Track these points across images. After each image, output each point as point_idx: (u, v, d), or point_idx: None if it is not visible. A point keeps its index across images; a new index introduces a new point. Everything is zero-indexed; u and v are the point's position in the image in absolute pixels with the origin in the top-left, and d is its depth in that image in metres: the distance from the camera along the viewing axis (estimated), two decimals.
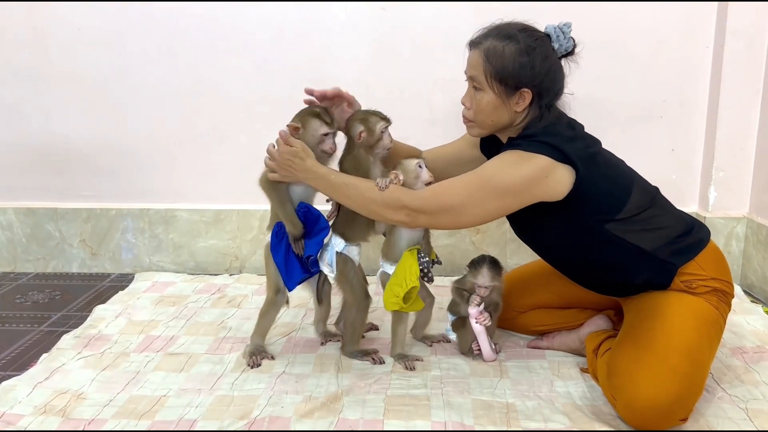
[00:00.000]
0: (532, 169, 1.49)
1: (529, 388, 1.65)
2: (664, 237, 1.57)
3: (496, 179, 1.52)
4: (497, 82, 1.54)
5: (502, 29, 1.56)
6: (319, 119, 1.68)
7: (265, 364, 1.79)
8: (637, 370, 1.45)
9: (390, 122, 1.74)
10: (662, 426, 1.43)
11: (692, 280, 1.56)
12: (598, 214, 1.55)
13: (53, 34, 2.49)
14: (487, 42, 1.55)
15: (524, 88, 1.53)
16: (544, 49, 1.54)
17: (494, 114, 1.58)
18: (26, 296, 2.40)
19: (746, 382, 1.66)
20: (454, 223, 1.60)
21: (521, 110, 1.57)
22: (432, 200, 1.57)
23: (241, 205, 2.60)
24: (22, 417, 1.52)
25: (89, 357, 1.84)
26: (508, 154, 1.53)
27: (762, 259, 2.33)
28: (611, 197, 1.56)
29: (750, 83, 2.35)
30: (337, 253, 1.80)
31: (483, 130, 1.64)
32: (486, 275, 1.76)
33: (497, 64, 1.52)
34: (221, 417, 1.52)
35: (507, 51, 1.52)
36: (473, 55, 1.58)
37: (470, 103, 1.61)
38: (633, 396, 1.42)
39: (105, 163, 2.60)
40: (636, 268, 1.58)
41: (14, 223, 2.65)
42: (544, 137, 1.51)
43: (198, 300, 2.30)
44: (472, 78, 1.58)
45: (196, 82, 2.50)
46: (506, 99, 1.55)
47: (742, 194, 2.45)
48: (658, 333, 1.49)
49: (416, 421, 1.49)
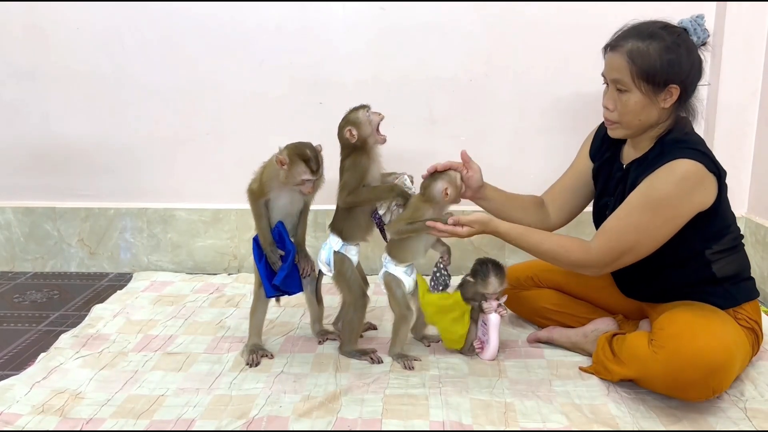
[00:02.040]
0: (692, 177, 1.49)
1: (527, 387, 1.65)
2: (739, 272, 1.64)
3: (663, 201, 1.50)
4: (644, 82, 1.52)
5: (641, 29, 1.55)
6: (306, 165, 1.70)
7: (263, 363, 1.79)
8: (696, 324, 1.48)
9: (368, 106, 1.76)
10: (695, 385, 1.45)
11: (739, 312, 1.62)
12: (707, 235, 1.59)
13: (52, 33, 2.48)
14: (627, 44, 1.53)
15: (672, 84, 1.53)
16: (687, 44, 1.54)
17: (642, 113, 1.57)
18: (24, 295, 2.39)
19: (745, 381, 1.66)
20: (636, 259, 1.58)
21: (669, 106, 1.56)
22: (610, 251, 1.56)
23: (239, 204, 2.58)
24: (20, 416, 1.52)
25: (87, 356, 1.84)
26: (668, 168, 1.50)
27: (760, 259, 2.33)
28: (723, 220, 1.60)
29: (748, 84, 2.36)
30: (335, 252, 1.81)
31: (629, 131, 1.62)
32: (495, 283, 1.76)
33: (643, 63, 1.51)
34: (219, 416, 1.52)
35: (652, 50, 1.51)
36: (614, 58, 1.55)
37: (614, 105, 1.59)
38: (686, 345, 1.44)
39: (104, 162, 2.59)
40: (702, 290, 1.63)
41: (12, 222, 2.65)
42: (697, 146, 1.53)
43: (196, 299, 2.30)
44: (616, 80, 1.56)
45: (195, 82, 2.50)
46: (654, 97, 1.54)
47: (740, 194, 2.45)
48: (716, 311, 1.57)
49: (414, 421, 1.49)
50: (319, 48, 2.45)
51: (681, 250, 1.58)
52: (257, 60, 2.47)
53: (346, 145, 1.77)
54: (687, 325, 1.49)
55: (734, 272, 1.63)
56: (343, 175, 1.77)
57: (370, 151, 1.76)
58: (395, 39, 2.43)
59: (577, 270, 1.65)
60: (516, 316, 2.09)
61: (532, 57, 2.41)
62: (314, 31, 2.44)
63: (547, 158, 2.47)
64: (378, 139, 1.76)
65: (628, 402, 1.57)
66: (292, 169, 1.70)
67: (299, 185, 1.72)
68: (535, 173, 2.47)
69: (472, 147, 2.48)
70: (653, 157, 1.58)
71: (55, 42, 2.49)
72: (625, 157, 1.71)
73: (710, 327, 1.48)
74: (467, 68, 2.44)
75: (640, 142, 1.64)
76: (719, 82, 2.35)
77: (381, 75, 2.45)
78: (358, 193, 1.75)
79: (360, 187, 1.75)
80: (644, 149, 1.63)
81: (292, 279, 1.81)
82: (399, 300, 1.79)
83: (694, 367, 1.43)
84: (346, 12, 2.42)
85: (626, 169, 1.68)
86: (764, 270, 2.31)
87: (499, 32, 2.40)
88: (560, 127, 2.45)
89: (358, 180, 1.75)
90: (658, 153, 1.57)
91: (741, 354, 1.54)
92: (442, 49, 2.42)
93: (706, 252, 1.60)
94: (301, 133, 2.47)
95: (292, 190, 1.75)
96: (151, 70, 2.50)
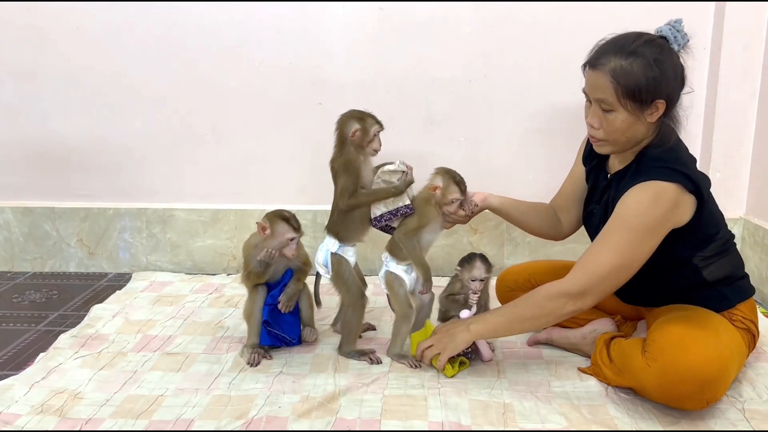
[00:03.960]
0: (668, 200, 1.48)
1: (526, 388, 1.65)
2: (731, 274, 1.64)
3: (639, 223, 1.49)
4: (630, 100, 1.49)
5: (620, 44, 1.50)
6: (287, 224, 1.75)
7: (262, 363, 1.79)
8: (688, 337, 1.47)
9: (383, 128, 1.78)
10: (689, 398, 1.45)
11: (734, 313, 1.62)
12: (692, 244, 1.58)
13: (51, 33, 2.48)
14: (609, 62, 1.48)
15: (658, 99, 1.50)
16: (669, 56, 1.51)
17: (629, 131, 1.54)
18: (23, 295, 2.39)
19: (743, 382, 1.67)
20: (618, 285, 1.55)
21: (655, 121, 1.54)
22: (588, 278, 1.53)
23: (238, 204, 2.60)
24: (19, 416, 1.52)
25: (86, 356, 1.84)
26: (642, 188, 1.49)
27: (759, 260, 2.33)
28: (708, 229, 1.60)
29: (747, 84, 2.36)
30: (332, 253, 1.81)
31: (616, 148, 1.60)
32: (480, 267, 1.79)
33: (628, 82, 1.47)
34: (218, 417, 1.52)
35: (635, 67, 1.46)
36: (596, 77, 1.51)
37: (599, 124, 1.56)
38: (678, 359, 1.43)
39: (103, 162, 2.59)
40: (695, 295, 1.63)
41: (11, 222, 2.65)
42: (675, 164, 1.51)
43: (195, 300, 2.30)
44: (600, 100, 1.52)
45: (194, 82, 2.50)
46: (640, 114, 1.51)
47: (739, 195, 2.45)
48: (710, 317, 1.56)
49: (414, 421, 1.49)
50: (318, 48, 2.45)
51: (668, 260, 1.58)
52: (256, 60, 2.47)
53: (343, 139, 1.78)
54: (679, 337, 1.48)
55: (726, 274, 1.63)
56: (339, 179, 1.78)
57: (361, 152, 1.78)
58: (394, 39, 2.43)
59: (561, 311, 1.56)
60: None
61: (531, 58, 2.41)
62: (313, 31, 2.44)
63: (545, 159, 2.47)
64: (370, 151, 1.79)
65: (626, 403, 1.57)
66: (275, 232, 1.75)
67: (284, 248, 1.76)
68: (534, 174, 2.48)
69: (470, 148, 2.51)
70: (631, 173, 1.57)
71: (54, 42, 2.49)
72: (610, 165, 1.71)
73: (703, 338, 1.47)
74: (466, 69, 2.44)
75: (624, 154, 1.64)
76: (718, 83, 2.35)
77: (380, 75, 2.45)
78: (357, 196, 1.76)
79: (359, 189, 1.76)
80: (626, 161, 1.62)
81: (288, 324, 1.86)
82: (400, 298, 1.80)
83: (687, 381, 1.43)
84: (345, 12, 2.42)
85: (610, 179, 1.68)
86: (762, 271, 2.31)
87: (498, 33, 2.40)
88: (559, 128, 2.45)
89: (354, 182, 1.76)
90: (635, 170, 1.57)
91: (736, 361, 1.54)
92: (441, 49, 2.42)
93: (694, 259, 1.60)
94: (300, 133, 2.50)
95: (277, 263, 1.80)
96: (151, 71, 2.50)
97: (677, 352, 1.45)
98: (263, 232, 1.75)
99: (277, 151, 2.54)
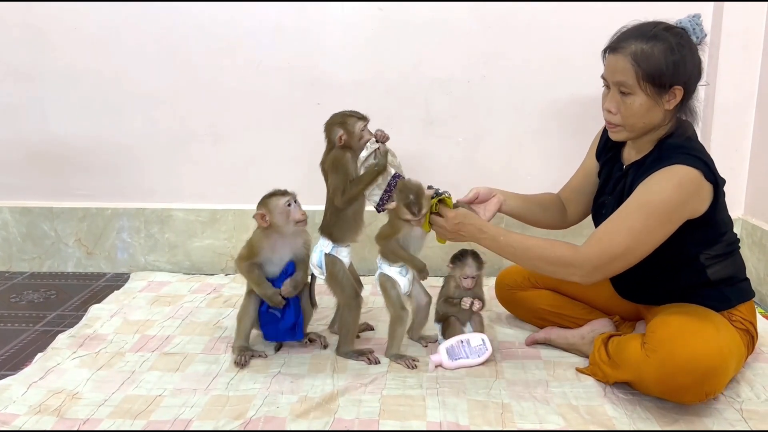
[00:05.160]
0: (691, 184, 1.48)
1: (524, 388, 1.65)
2: (734, 275, 1.65)
3: (660, 206, 1.48)
4: (650, 84, 1.50)
5: (642, 30, 1.53)
6: (276, 196, 1.76)
7: (260, 363, 1.79)
8: (688, 329, 1.48)
9: (368, 120, 1.78)
10: (689, 389, 1.45)
11: (733, 313, 1.62)
12: (702, 241, 1.59)
13: (49, 33, 2.48)
14: (630, 45, 1.50)
15: (677, 85, 1.51)
16: (689, 45, 1.53)
17: (647, 115, 1.55)
18: (21, 295, 2.39)
19: (741, 383, 1.67)
20: (627, 266, 1.54)
21: (672, 108, 1.55)
22: (600, 254, 1.52)
23: (236, 204, 2.60)
24: (17, 416, 1.52)
25: (84, 356, 1.83)
26: (666, 171, 1.49)
27: (757, 261, 2.33)
28: (718, 227, 1.60)
29: (745, 84, 2.36)
30: (326, 254, 1.81)
31: (632, 134, 1.60)
32: (472, 265, 1.80)
33: (649, 65, 1.49)
34: (217, 417, 1.52)
35: (657, 51, 1.49)
36: (617, 60, 1.52)
37: (617, 108, 1.57)
38: (678, 350, 1.44)
39: (101, 162, 2.59)
40: (697, 293, 1.63)
41: (9, 222, 2.64)
42: (696, 152, 1.52)
43: (193, 300, 2.29)
44: (620, 83, 1.53)
45: (193, 82, 2.50)
46: (659, 99, 1.52)
47: (737, 196, 2.45)
48: (710, 314, 1.56)
49: (412, 422, 1.49)
50: (317, 49, 2.45)
51: (675, 255, 1.58)
52: (255, 60, 2.47)
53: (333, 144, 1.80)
54: (679, 329, 1.49)
55: (729, 275, 1.63)
56: (330, 179, 1.80)
57: (351, 152, 1.79)
58: (393, 40, 2.43)
59: (563, 273, 1.57)
60: (513, 317, 2.10)
61: (530, 58, 2.41)
62: (312, 31, 2.44)
63: (544, 159, 2.47)
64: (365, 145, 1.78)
65: (624, 403, 1.57)
66: (274, 211, 1.75)
67: (291, 220, 1.75)
68: (533, 174, 2.47)
69: (469, 148, 2.51)
70: (651, 160, 1.57)
71: (53, 42, 2.48)
72: (626, 157, 1.71)
73: (703, 331, 1.48)
74: (465, 69, 2.44)
75: (640, 145, 1.64)
76: (716, 83, 2.35)
77: (379, 75, 2.45)
78: (348, 190, 1.77)
79: (348, 184, 1.77)
80: (644, 152, 1.63)
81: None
82: (394, 300, 1.80)
83: (686, 372, 1.43)
84: (344, 12, 2.42)
85: (626, 170, 1.68)
86: (761, 272, 2.31)
87: (497, 33, 2.40)
88: (558, 129, 2.45)
89: (343, 179, 1.77)
90: (656, 157, 1.57)
91: (735, 357, 1.54)
92: (439, 49, 2.42)
93: (701, 257, 1.60)
94: (299, 133, 2.49)
95: (283, 241, 1.79)
96: (150, 71, 2.49)
97: (677, 343, 1.45)
98: (264, 219, 1.75)
99: (275, 152, 2.54)
